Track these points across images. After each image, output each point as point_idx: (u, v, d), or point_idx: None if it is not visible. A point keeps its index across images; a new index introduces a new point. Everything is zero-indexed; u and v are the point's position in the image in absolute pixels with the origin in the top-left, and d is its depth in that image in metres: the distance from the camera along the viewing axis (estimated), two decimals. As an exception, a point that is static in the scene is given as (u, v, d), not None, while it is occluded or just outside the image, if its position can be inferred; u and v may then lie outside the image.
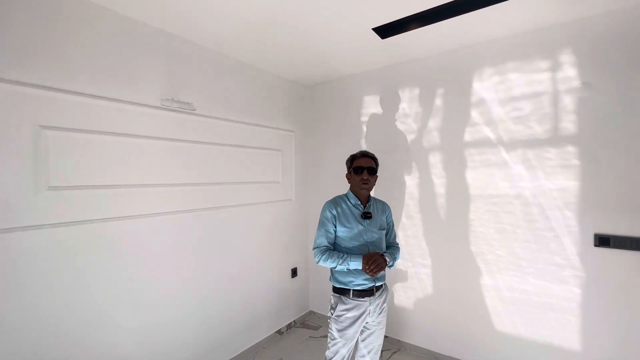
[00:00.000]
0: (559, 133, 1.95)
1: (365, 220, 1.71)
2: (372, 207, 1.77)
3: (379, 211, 1.79)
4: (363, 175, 1.70)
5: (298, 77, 2.94)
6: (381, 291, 1.73)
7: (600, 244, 1.84)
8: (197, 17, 1.83)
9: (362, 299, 1.65)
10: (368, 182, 1.71)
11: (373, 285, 1.67)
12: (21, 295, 1.44)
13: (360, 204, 1.75)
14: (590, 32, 1.85)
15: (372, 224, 1.72)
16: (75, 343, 1.61)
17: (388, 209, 1.86)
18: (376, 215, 1.76)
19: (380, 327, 1.74)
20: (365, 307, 1.66)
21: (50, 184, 1.52)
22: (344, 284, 1.67)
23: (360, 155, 1.77)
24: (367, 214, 1.71)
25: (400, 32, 2.01)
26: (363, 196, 1.76)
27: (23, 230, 1.44)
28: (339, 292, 1.69)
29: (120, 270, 1.78)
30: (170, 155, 2.01)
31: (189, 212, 2.13)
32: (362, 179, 1.71)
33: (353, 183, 1.76)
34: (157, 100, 1.94)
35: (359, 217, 1.71)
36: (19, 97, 1.43)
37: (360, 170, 1.71)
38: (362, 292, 1.65)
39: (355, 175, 1.73)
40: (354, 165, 1.76)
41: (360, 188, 1.73)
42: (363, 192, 1.74)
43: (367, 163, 1.74)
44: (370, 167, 1.73)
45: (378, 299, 1.70)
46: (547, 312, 2.02)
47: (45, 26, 1.51)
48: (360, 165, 1.73)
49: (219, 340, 2.33)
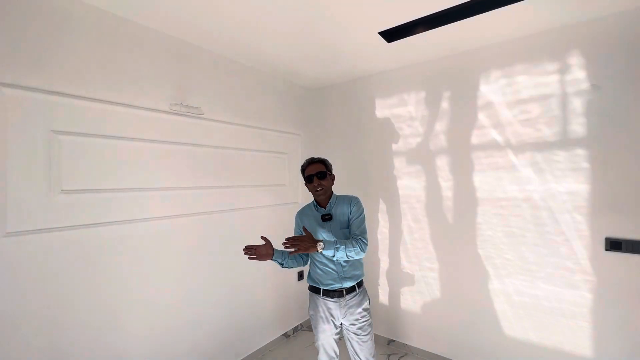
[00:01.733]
0: (568, 136, 1.93)
1: (326, 222, 1.76)
2: (333, 208, 1.78)
3: (343, 209, 1.76)
4: (314, 182, 1.74)
5: (304, 81, 2.96)
6: (353, 294, 1.72)
7: (611, 248, 1.81)
8: (205, 22, 1.86)
9: (330, 299, 1.72)
10: (322, 187, 1.74)
11: (341, 286, 1.70)
12: (34, 295, 1.47)
13: (320, 207, 1.81)
14: (599, 34, 1.84)
15: (334, 225, 1.75)
16: (86, 346, 1.63)
17: (354, 202, 1.78)
18: (339, 215, 1.76)
19: (363, 333, 1.71)
20: (335, 307, 1.72)
21: (63, 187, 1.55)
22: (315, 282, 1.76)
23: (307, 164, 1.80)
24: (326, 216, 1.76)
25: (406, 35, 2.02)
26: (321, 200, 1.80)
27: (37, 233, 1.47)
28: (312, 290, 1.79)
29: (131, 274, 1.81)
30: (178, 159, 2.04)
31: (197, 216, 2.15)
32: (314, 186, 1.74)
33: (310, 191, 1.80)
34: (166, 105, 1.97)
35: (319, 220, 1.77)
36: (33, 103, 1.47)
37: (311, 179, 1.75)
38: (331, 292, 1.71)
39: (309, 184, 1.78)
40: (305, 175, 1.79)
41: (316, 195, 1.78)
42: (320, 198, 1.79)
43: (315, 169, 1.76)
44: (319, 172, 1.75)
45: (350, 300, 1.71)
46: (557, 317, 1.99)
47: (58, 34, 1.55)
48: (310, 173, 1.76)
49: (226, 343, 2.34)
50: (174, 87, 2.02)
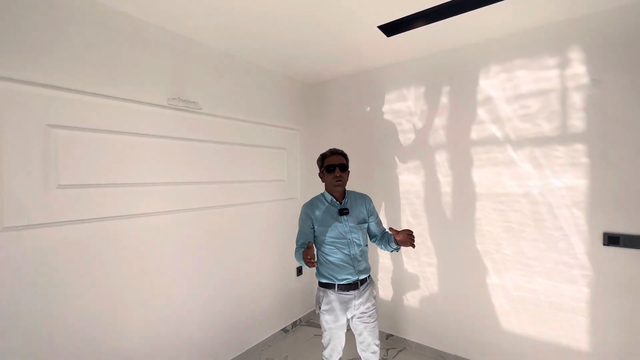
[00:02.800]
0: (567, 131, 1.92)
1: (343, 217, 1.74)
2: (348, 202, 1.79)
3: (358, 205, 1.80)
4: (335, 173, 1.73)
5: (303, 76, 2.94)
6: (366, 284, 1.75)
7: (609, 243, 1.81)
8: (203, 16, 1.84)
9: (346, 293, 1.70)
10: (341, 179, 1.74)
11: (357, 279, 1.71)
12: (31, 291, 1.46)
13: (336, 201, 1.78)
14: (600, 29, 1.83)
15: (351, 219, 1.74)
16: (85, 341, 1.63)
17: (369, 201, 1.87)
18: (354, 210, 1.77)
19: (372, 319, 1.76)
20: (350, 300, 1.70)
21: (60, 182, 1.54)
22: (328, 279, 1.73)
23: (330, 153, 1.81)
24: (344, 210, 1.74)
25: (405, 29, 2.00)
26: (338, 193, 1.79)
27: (33, 228, 1.46)
28: (324, 286, 1.75)
29: (128, 268, 1.80)
30: (176, 154, 2.03)
31: (195, 211, 2.15)
32: (334, 176, 1.74)
33: (326, 182, 1.80)
34: (164, 99, 1.95)
35: (335, 214, 1.74)
36: (28, 96, 1.45)
37: (332, 169, 1.74)
38: (347, 286, 1.70)
39: (328, 173, 1.76)
40: (325, 164, 1.79)
41: (334, 185, 1.76)
42: (337, 189, 1.77)
43: (338, 160, 1.76)
44: (342, 164, 1.76)
45: (363, 291, 1.73)
46: (555, 312, 2.00)
47: (54, 27, 1.52)
48: (331, 163, 1.76)
49: (225, 338, 2.35)
50: (171, 82, 2.00)
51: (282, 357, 2.50)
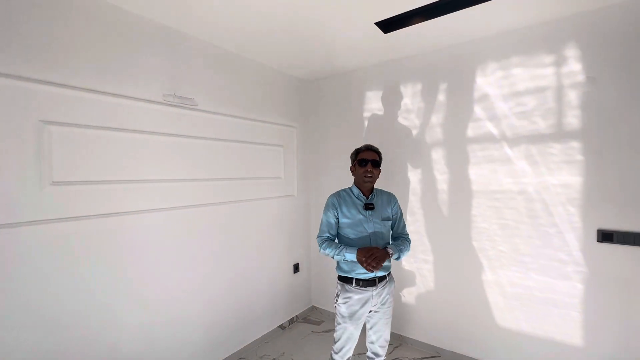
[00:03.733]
0: (563, 128, 1.94)
1: (368, 212, 1.74)
2: (375, 199, 1.80)
3: (383, 202, 1.81)
4: (367, 167, 1.75)
5: (300, 72, 2.93)
6: (384, 282, 1.74)
7: (603, 240, 1.83)
8: (199, 11, 1.82)
9: (364, 289, 1.69)
10: (372, 175, 1.75)
11: (375, 275, 1.70)
12: (25, 290, 1.45)
13: (363, 196, 1.78)
14: (596, 26, 1.83)
15: (375, 215, 1.75)
16: (78, 340, 1.62)
17: (394, 200, 1.88)
18: (380, 207, 1.78)
19: (386, 316, 1.76)
20: (368, 296, 1.69)
21: (54, 179, 1.52)
22: (347, 272, 1.72)
23: (365, 148, 1.83)
24: (369, 205, 1.74)
25: (403, 26, 2.00)
26: (366, 188, 1.80)
27: (27, 225, 1.45)
28: (343, 280, 1.75)
29: (123, 266, 1.79)
30: (172, 151, 2.01)
31: (191, 208, 2.13)
32: (365, 171, 1.75)
33: (357, 175, 1.81)
34: (159, 95, 1.93)
35: (361, 208, 1.75)
36: (21, 92, 1.43)
37: (365, 163, 1.76)
38: (365, 281, 1.69)
39: (360, 167, 1.78)
40: (358, 158, 1.81)
41: (363, 181, 1.77)
42: (366, 185, 1.78)
43: (371, 156, 1.78)
44: (374, 161, 1.78)
45: (381, 290, 1.72)
46: (549, 308, 2.02)
47: (47, 21, 1.50)
48: (364, 158, 1.77)
49: (222, 336, 2.35)
50: (167, 78, 1.98)
51: (279, 353, 2.51)
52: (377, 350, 1.79)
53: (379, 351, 1.79)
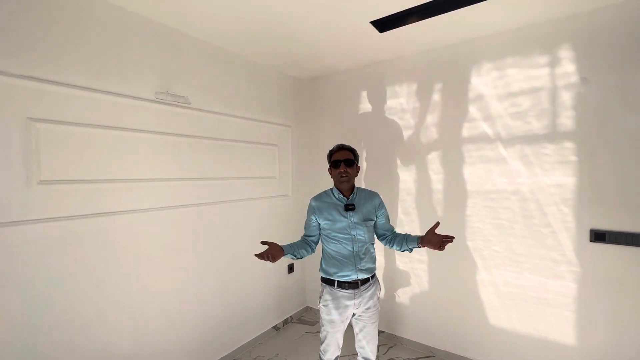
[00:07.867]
0: (556, 129, 1.95)
1: (349, 212, 1.73)
2: (356, 198, 1.77)
3: (366, 202, 1.78)
4: (340, 168, 1.72)
5: (295, 71, 2.91)
6: (367, 285, 1.73)
7: (596, 240, 1.85)
8: (192, 9, 1.79)
9: (345, 291, 1.69)
10: (347, 175, 1.73)
11: (357, 277, 1.69)
12: (11, 291, 1.41)
13: (343, 197, 1.76)
14: (589, 27, 1.84)
15: (356, 216, 1.73)
16: (66, 341, 1.58)
17: (377, 198, 1.83)
18: (361, 207, 1.75)
19: (372, 320, 1.75)
20: (349, 298, 1.69)
21: (41, 178, 1.48)
22: (329, 274, 1.73)
23: (337, 149, 1.80)
24: (350, 206, 1.73)
25: (398, 25, 1.99)
26: (344, 188, 1.77)
27: (13, 225, 1.41)
28: (326, 282, 1.75)
29: (113, 266, 1.75)
30: (164, 150, 1.98)
31: (183, 208, 2.10)
32: (340, 172, 1.73)
33: (334, 178, 1.79)
34: (151, 93, 1.90)
35: (342, 209, 1.73)
36: (7, 88, 1.38)
37: (338, 164, 1.73)
38: (346, 284, 1.69)
39: (334, 169, 1.76)
40: (332, 159, 1.78)
41: (339, 181, 1.75)
42: (343, 185, 1.76)
43: (343, 156, 1.75)
44: (347, 160, 1.74)
45: (364, 292, 1.71)
46: (543, 307, 2.03)
47: (35, 16, 1.46)
48: (337, 159, 1.75)
49: (215, 336, 2.32)
50: (159, 75, 1.94)
51: (273, 354, 2.49)
52: (368, 355, 1.78)
53: (369, 356, 1.78)
